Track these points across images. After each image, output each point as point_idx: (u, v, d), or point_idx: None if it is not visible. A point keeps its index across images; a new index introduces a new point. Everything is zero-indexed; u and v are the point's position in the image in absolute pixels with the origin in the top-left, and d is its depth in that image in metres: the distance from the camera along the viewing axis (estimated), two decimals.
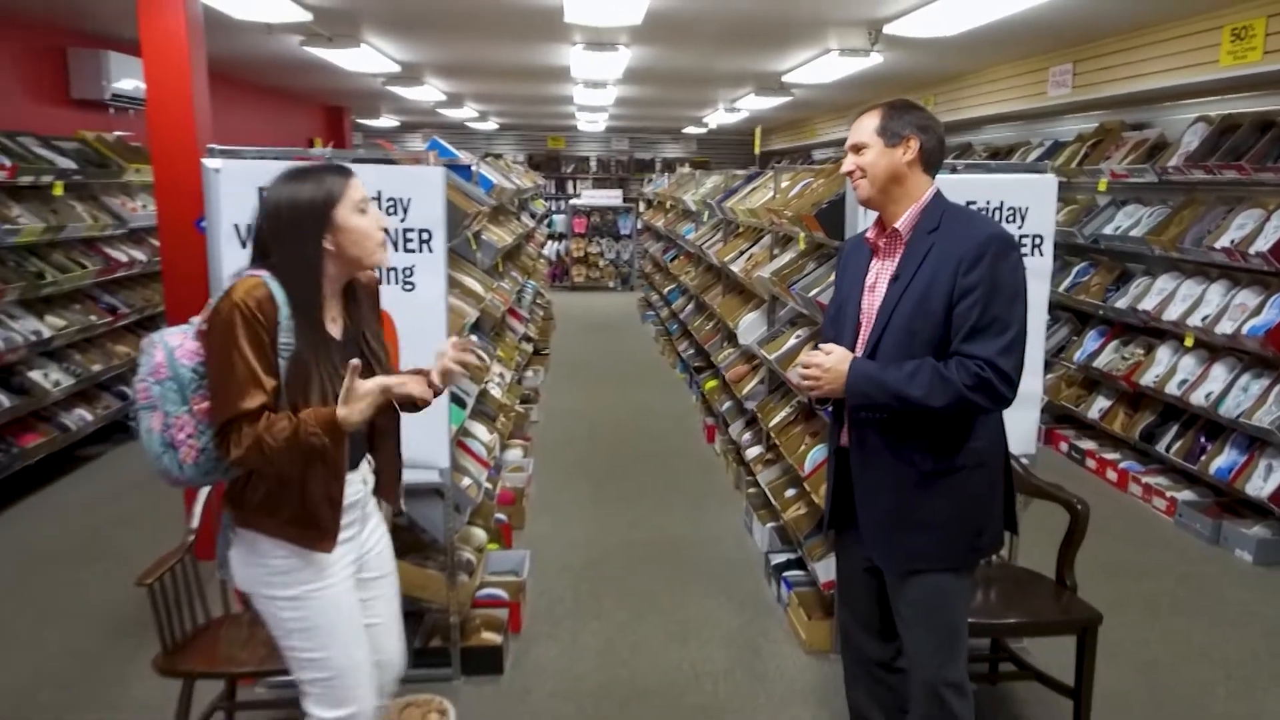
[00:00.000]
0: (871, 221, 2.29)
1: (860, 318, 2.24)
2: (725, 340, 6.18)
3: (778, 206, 4.62)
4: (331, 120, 12.50)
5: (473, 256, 4.52)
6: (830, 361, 2.13)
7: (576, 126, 15.00)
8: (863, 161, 2.17)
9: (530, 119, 14.36)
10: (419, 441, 2.83)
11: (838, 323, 2.32)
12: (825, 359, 2.14)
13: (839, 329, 2.30)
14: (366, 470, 2.13)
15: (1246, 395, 4.63)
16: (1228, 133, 4.97)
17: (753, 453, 4.88)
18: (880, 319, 2.16)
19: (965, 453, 2.15)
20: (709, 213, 7.27)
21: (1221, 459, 4.75)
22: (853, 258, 2.34)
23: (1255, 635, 3.65)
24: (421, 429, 2.62)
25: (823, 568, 3.43)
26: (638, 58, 7.09)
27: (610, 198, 14.79)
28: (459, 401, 3.65)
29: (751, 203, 5.48)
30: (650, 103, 11.11)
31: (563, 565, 4.20)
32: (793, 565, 3.87)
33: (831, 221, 3.44)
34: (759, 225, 5.41)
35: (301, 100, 11.42)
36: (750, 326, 5.12)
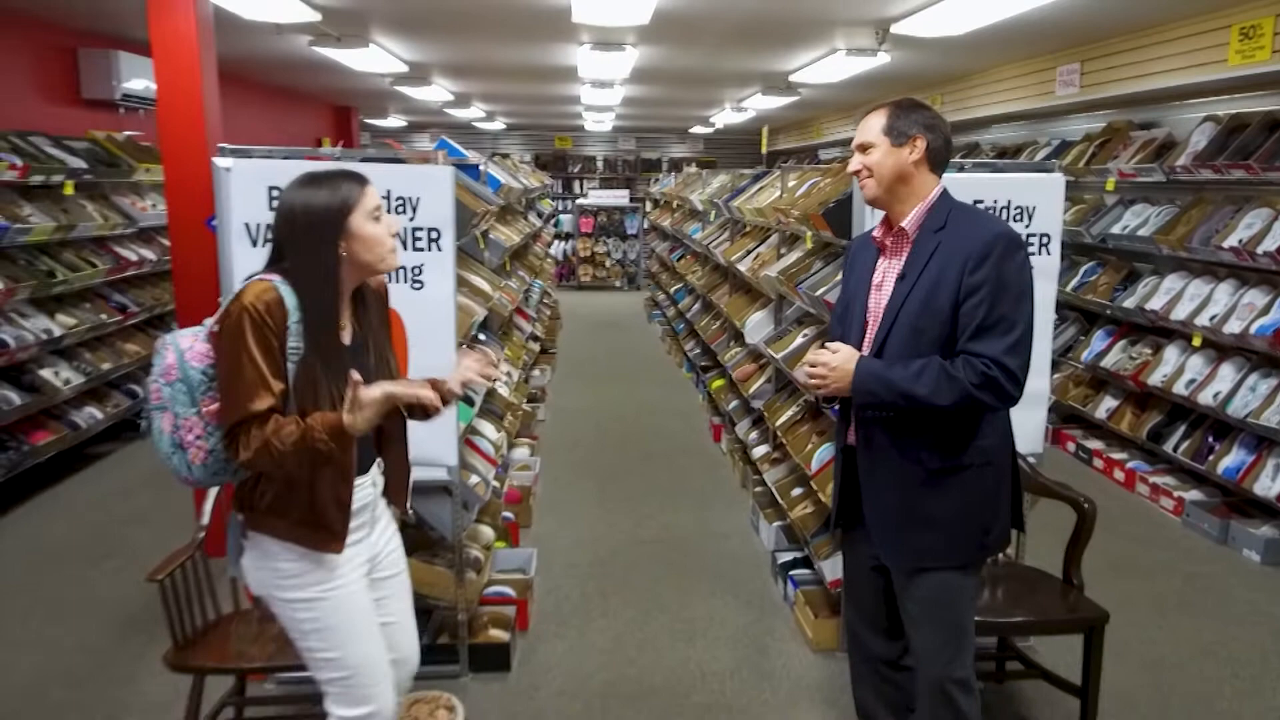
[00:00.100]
0: (878, 220, 2.30)
1: (867, 316, 2.25)
2: (732, 339, 6.18)
3: (785, 206, 4.62)
4: (339, 120, 12.53)
5: (481, 255, 4.53)
6: (837, 360, 2.14)
7: (583, 126, 15.00)
8: (869, 161, 2.18)
9: (537, 119, 14.37)
10: (427, 439, 2.86)
11: (844, 321, 2.33)
12: (832, 358, 2.15)
13: (846, 327, 2.31)
14: (376, 473, 2.15)
15: (1254, 395, 4.62)
16: (1236, 132, 4.95)
17: (759, 451, 4.88)
18: (887, 317, 2.17)
19: (972, 451, 2.15)
20: (716, 212, 7.27)
21: (1229, 459, 4.74)
22: (860, 256, 2.35)
23: (1263, 634, 3.65)
24: (430, 427, 2.62)
25: (829, 566, 3.44)
26: (645, 57, 7.10)
27: (617, 197, 14.80)
28: (467, 400, 3.67)
29: (758, 202, 5.49)
30: (657, 102, 11.11)
31: (569, 563, 4.22)
32: (799, 564, 3.87)
33: (839, 220, 3.45)
34: (766, 224, 5.42)
35: (309, 100, 11.45)
36: (757, 325, 5.12)
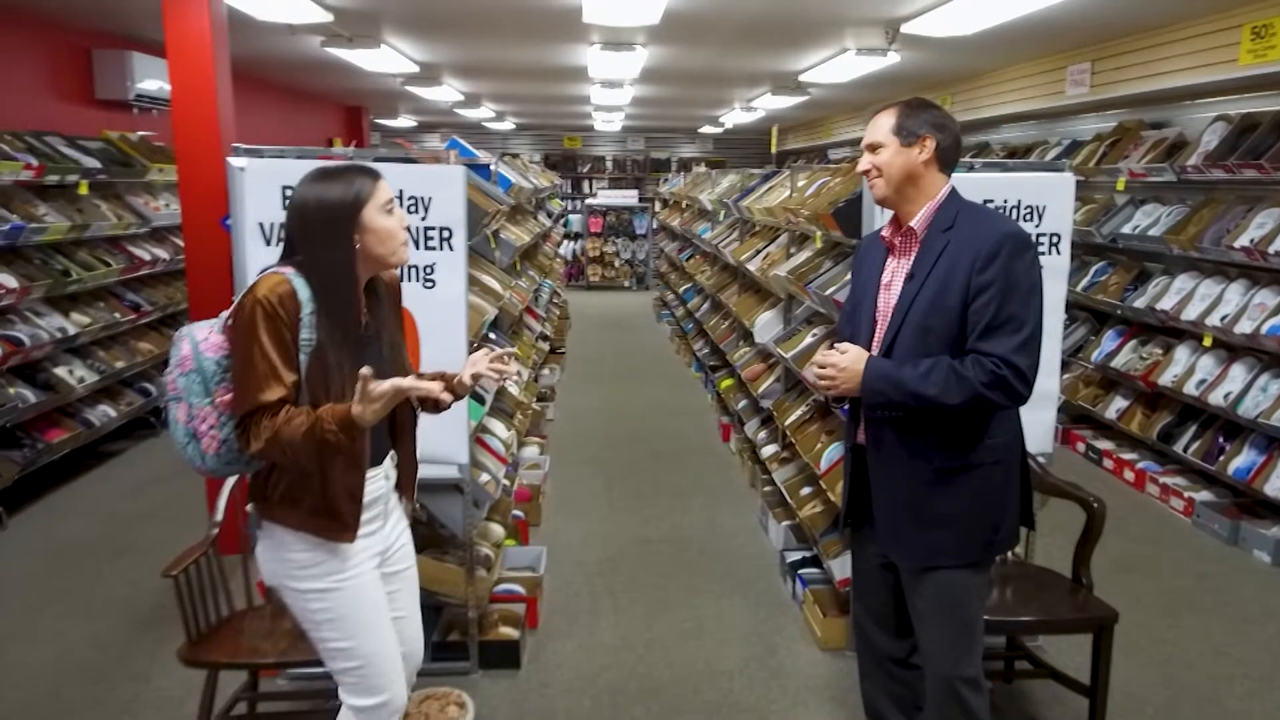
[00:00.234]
0: (887, 220, 2.31)
1: (876, 316, 2.25)
2: (741, 339, 6.19)
3: (794, 205, 4.63)
4: (350, 120, 12.58)
5: (491, 255, 4.56)
6: (846, 360, 2.15)
7: (593, 126, 15.02)
8: (879, 160, 2.18)
9: (547, 119, 14.40)
10: (439, 437, 2.88)
11: (854, 321, 2.34)
12: (841, 358, 2.15)
13: (855, 327, 2.32)
14: (390, 466, 2.17)
15: (1265, 395, 4.61)
16: (1247, 132, 4.94)
17: (768, 451, 4.89)
18: (896, 317, 2.17)
19: (981, 450, 2.15)
20: (725, 212, 7.27)
21: (1240, 459, 4.73)
22: (868, 256, 2.35)
23: (1273, 634, 3.64)
24: (441, 425, 2.66)
25: (838, 565, 3.44)
26: (655, 57, 7.11)
27: (626, 197, 14.82)
28: (478, 398, 3.69)
29: (768, 202, 5.49)
30: (666, 102, 11.13)
31: (579, 562, 4.23)
32: (808, 563, 3.88)
33: (848, 220, 3.45)
34: (775, 224, 5.42)
35: (321, 100, 11.51)
36: (766, 325, 5.13)
